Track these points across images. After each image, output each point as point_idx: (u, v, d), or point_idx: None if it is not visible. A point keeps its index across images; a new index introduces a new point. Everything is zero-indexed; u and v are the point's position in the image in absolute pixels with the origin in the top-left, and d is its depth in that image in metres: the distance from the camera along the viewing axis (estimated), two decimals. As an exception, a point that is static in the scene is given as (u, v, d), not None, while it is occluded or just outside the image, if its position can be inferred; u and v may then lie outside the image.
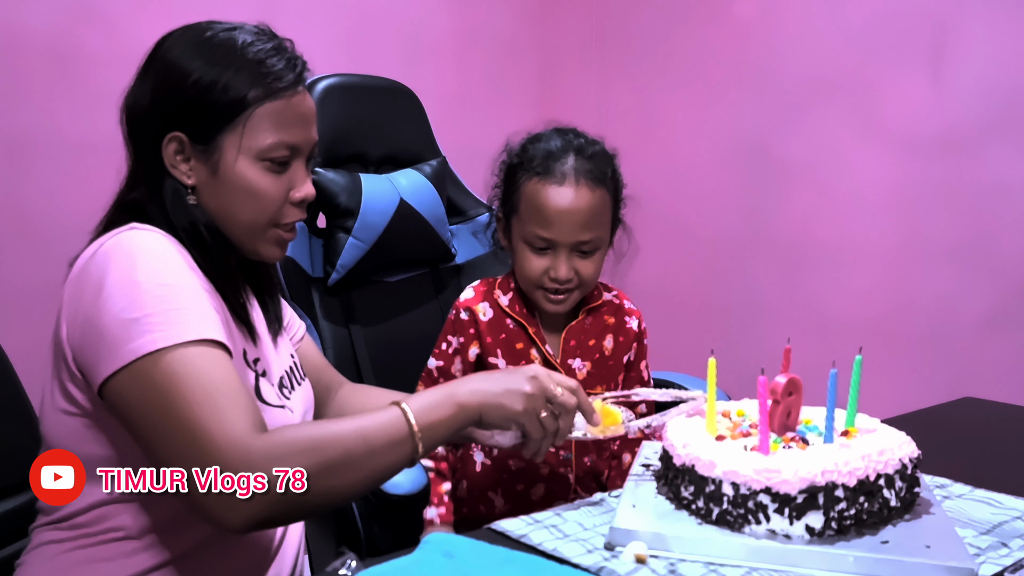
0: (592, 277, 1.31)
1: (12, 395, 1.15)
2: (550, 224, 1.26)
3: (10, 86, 1.77)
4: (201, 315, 0.91)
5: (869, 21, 2.15)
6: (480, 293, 1.35)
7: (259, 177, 1.00)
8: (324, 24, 2.20)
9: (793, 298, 2.34)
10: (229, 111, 0.97)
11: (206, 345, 0.89)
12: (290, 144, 1.01)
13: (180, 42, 1.01)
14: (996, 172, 1.99)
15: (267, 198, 1.01)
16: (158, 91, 0.99)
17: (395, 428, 0.94)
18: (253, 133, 0.98)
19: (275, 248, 1.05)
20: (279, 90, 0.99)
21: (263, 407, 1.01)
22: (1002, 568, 0.87)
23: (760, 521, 0.87)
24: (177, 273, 0.93)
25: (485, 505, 1.35)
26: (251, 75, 0.98)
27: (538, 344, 1.32)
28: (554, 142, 1.30)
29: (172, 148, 0.99)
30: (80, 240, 1.02)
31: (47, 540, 0.98)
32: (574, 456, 1.35)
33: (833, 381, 0.96)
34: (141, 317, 0.88)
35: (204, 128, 0.98)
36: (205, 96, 0.97)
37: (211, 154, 0.98)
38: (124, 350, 0.87)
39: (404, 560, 0.85)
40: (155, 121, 0.99)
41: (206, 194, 1.00)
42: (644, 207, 1.39)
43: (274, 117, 0.99)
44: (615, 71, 2.68)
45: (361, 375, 1.68)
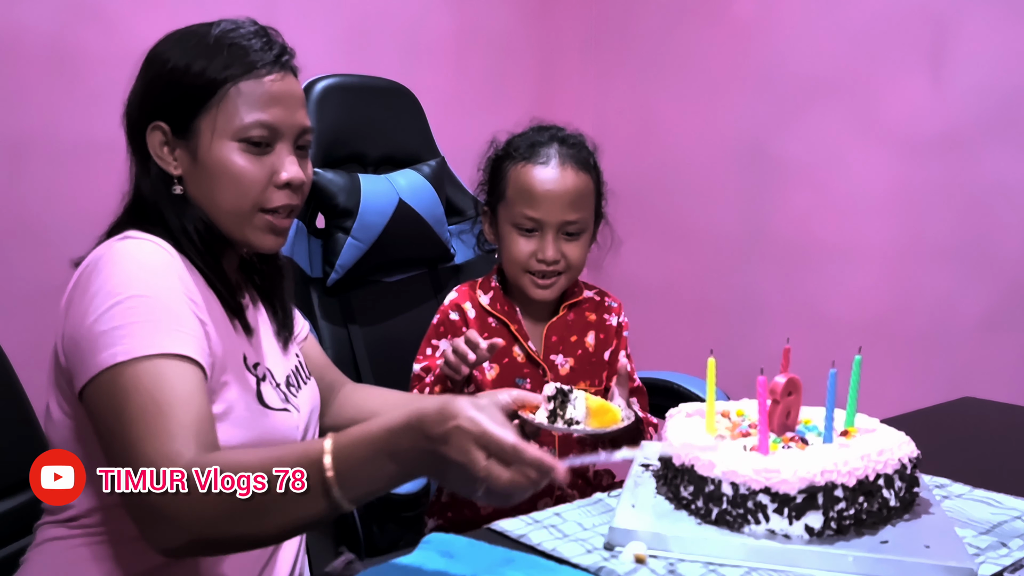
0: (578, 261, 1.33)
1: (12, 395, 1.15)
2: (538, 203, 1.29)
3: (10, 86, 1.77)
4: (173, 328, 0.90)
5: (869, 21, 2.15)
6: (464, 294, 1.38)
7: (237, 158, 0.99)
8: (323, 24, 2.19)
9: (792, 298, 2.34)
10: (203, 92, 0.98)
11: (170, 359, 0.88)
12: (267, 123, 0.99)
13: (166, 39, 1.03)
14: (996, 172, 1.99)
15: (246, 179, 0.99)
16: (140, 84, 1.03)
17: (308, 468, 0.81)
18: (227, 114, 0.98)
19: (267, 236, 1.03)
20: (253, 69, 0.99)
21: (265, 412, 1.01)
22: (1001, 568, 0.87)
23: (759, 521, 0.87)
24: (157, 284, 0.93)
25: (470, 509, 1.36)
26: (225, 57, 0.99)
27: (520, 341, 1.34)
28: (537, 134, 1.35)
29: (156, 138, 1.00)
30: (80, 240, 1.02)
31: (52, 537, 0.99)
32: (558, 452, 1.35)
33: (832, 381, 0.96)
34: (110, 329, 0.89)
35: (181, 114, 0.99)
36: (180, 80, 0.99)
37: (190, 139, 1.00)
38: (94, 360, 0.88)
39: (403, 560, 0.85)
40: (141, 114, 1.01)
41: (191, 183, 1.01)
42: (643, 207, 1.40)
43: (250, 97, 0.99)
44: (614, 71, 2.68)
45: (360, 375, 1.68)
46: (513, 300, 1.38)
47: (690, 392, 1.62)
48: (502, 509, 1.28)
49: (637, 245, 2.58)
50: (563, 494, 1.33)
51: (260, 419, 1.00)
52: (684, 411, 1.08)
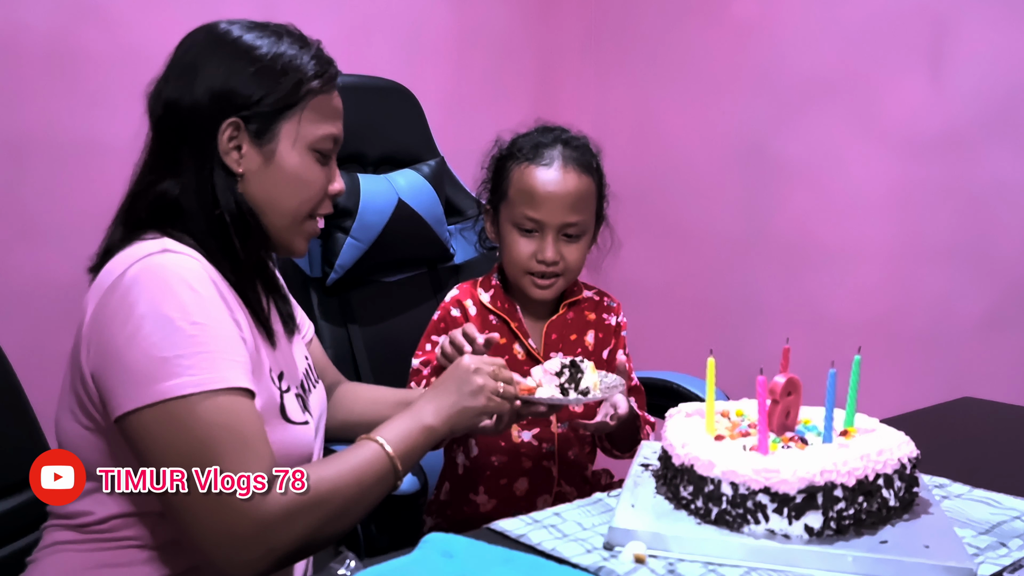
0: (577, 263, 1.34)
1: (12, 395, 1.15)
2: (539, 204, 1.30)
3: (10, 86, 1.77)
4: (231, 361, 0.91)
5: (868, 21, 2.15)
6: (465, 291, 1.39)
7: (310, 166, 1.04)
8: (323, 24, 2.18)
9: (792, 298, 2.34)
10: (292, 98, 1.00)
11: (235, 394, 0.90)
12: (335, 137, 1.06)
13: (245, 31, 1.01)
14: (995, 172, 1.99)
15: (314, 187, 1.04)
16: (216, 78, 0.98)
17: (380, 464, 0.98)
18: (308, 122, 1.02)
19: (304, 242, 1.08)
20: (331, 83, 1.05)
21: (287, 426, 1.01)
22: (1001, 568, 0.87)
23: (759, 521, 0.87)
24: (210, 311, 0.92)
25: (469, 507, 1.36)
26: (315, 65, 1.02)
27: (520, 338, 1.35)
28: (542, 135, 1.36)
29: (227, 135, 0.99)
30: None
31: (61, 540, 0.98)
32: (557, 449, 1.36)
33: (832, 381, 0.96)
34: (172, 357, 0.88)
35: (265, 114, 0.99)
36: (273, 80, 0.99)
37: (268, 142, 1.00)
38: (152, 389, 0.87)
39: (403, 560, 0.85)
40: (214, 108, 0.98)
41: (254, 182, 1.01)
42: (643, 207, 1.40)
43: (326, 109, 1.04)
44: (614, 71, 2.68)
45: (360, 375, 1.68)
46: (513, 298, 1.38)
47: (690, 392, 1.62)
48: (501, 508, 1.30)
49: (637, 245, 2.58)
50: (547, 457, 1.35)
51: (280, 433, 1.00)
52: (684, 411, 1.08)
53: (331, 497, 0.92)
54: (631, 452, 1.32)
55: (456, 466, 1.39)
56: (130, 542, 0.96)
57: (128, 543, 0.96)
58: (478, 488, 1.36)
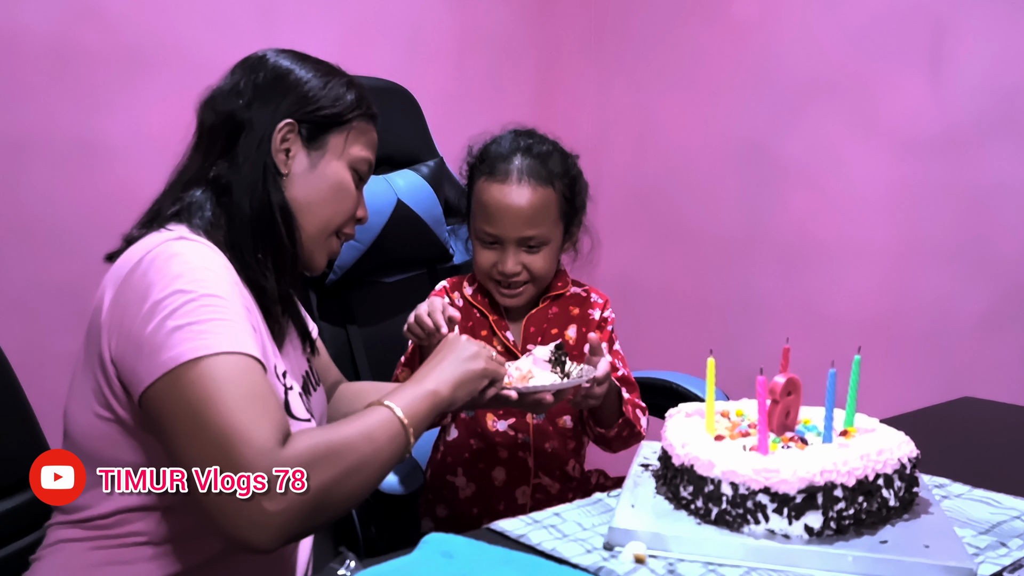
0: (543, 270, 1.36)
1: (12, 395, 1.15)
2: (494, 220, 1.33)
3: (10, 86, 1.77)
4: (242, 330, 0.92)
5: (868, 21, 2.15)
6: (452, 284, 1.44)
7: (350, 181, 1.11)
8: (322, 24, 2.19)
9: (792, 298, 2.34)
10: (343, 114, 1.09)
11: (247, 358, 0.90)
12: (371, 162, 1.13)
13: (284, 55, 1.10)
14: (995, 172, 1.99)
15: (348, 202, 1.11)
16: (286, 73, 1.07)
17: (392, 424, 0.98)
18: (353, 141, 1.10)
19: (325, 258, 1.12)
20: (372, 114, 1.13)
21: (291, 423, 1.01)
22: (1001, 568, 0.87)
23: (759, 521, 0.87)
24: (222, 285, 0.94)
25: (448, 490, 1.38)
26: (352, 93, 1.10)
27: (499, 333, 1.36)
28: (505, 143, 1.37)
29: (282, 135, 1.05)
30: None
31: (65, 538, 0.98)
32: (532, 440, 1.36)
33: (832, 381, 0.96)
34: (184, 325, 0.88)
35: (320, 123, 1.07)
36: (328, 94, 1.08)
37: (316, 148, 1.07)
38: (165, 357, 0.87)
39: (403, 560, 0.85)
40: (275, 101, 1.05)
41: (297, 184, 1.06)
42: (643, 207, 1.40)
43: (365, 135, 1.12)
44: (614, 71, 2.68)
45: (359, 375, 1.68)
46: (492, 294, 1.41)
47: (689, 392, 1.62)
48: (493, 508, 1.30)
49: (636, 245, 2.58)
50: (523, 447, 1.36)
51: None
52: (683, 411, 1.08)
53: (344, 450, 0.91)
54: (616, 428, 1.33)
55: (437, 451, 1.43)
56: (135, 538, 0.96)
57: (133, 539, 0.96)
58: (456, 470, 1.38)
